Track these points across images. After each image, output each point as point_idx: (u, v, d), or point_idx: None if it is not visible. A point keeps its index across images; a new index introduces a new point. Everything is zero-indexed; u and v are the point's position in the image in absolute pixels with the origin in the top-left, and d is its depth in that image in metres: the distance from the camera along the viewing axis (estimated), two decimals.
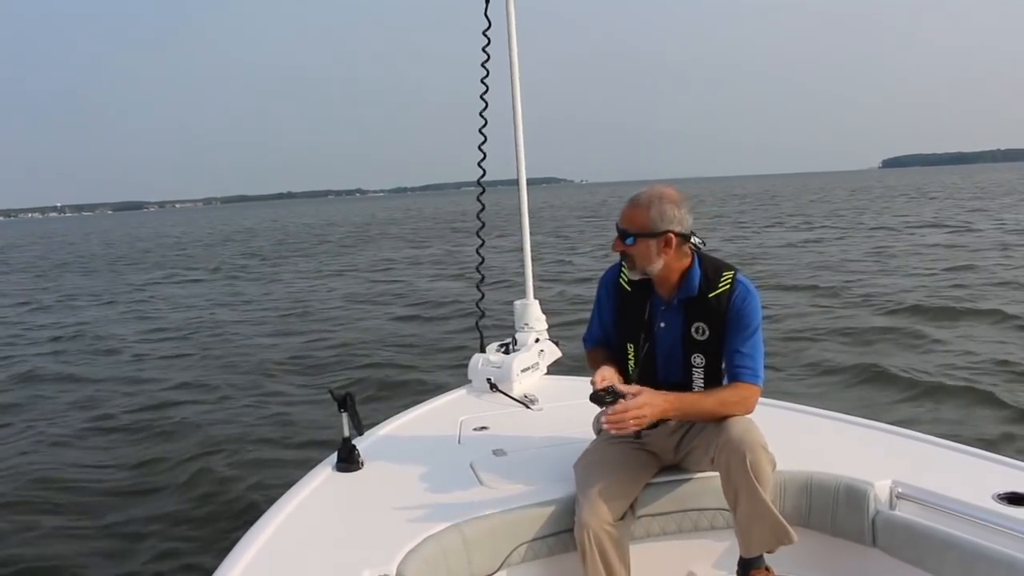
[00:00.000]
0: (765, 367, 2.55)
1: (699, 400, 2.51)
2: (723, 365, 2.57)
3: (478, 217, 4.20)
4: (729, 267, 2.58)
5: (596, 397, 2.48)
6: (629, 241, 2.52)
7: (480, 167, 4.09)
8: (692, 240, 2.55)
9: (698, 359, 2.56)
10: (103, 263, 30.20)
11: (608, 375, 2.55)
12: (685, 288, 2.57)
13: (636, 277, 2.58)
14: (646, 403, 2.40)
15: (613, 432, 2.44)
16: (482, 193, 4.19)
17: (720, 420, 2.49)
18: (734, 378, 2.52)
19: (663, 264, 2.53)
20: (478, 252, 4.29)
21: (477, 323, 4.14)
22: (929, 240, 20.31)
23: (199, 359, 10.26)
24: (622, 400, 2.41)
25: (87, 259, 33.24)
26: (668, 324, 2.60)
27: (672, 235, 2.49)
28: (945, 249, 17.96)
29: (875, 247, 19.15)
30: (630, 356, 2.64)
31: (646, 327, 2.62)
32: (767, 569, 2.46)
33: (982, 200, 38.75)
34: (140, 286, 20.16)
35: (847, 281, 13.54)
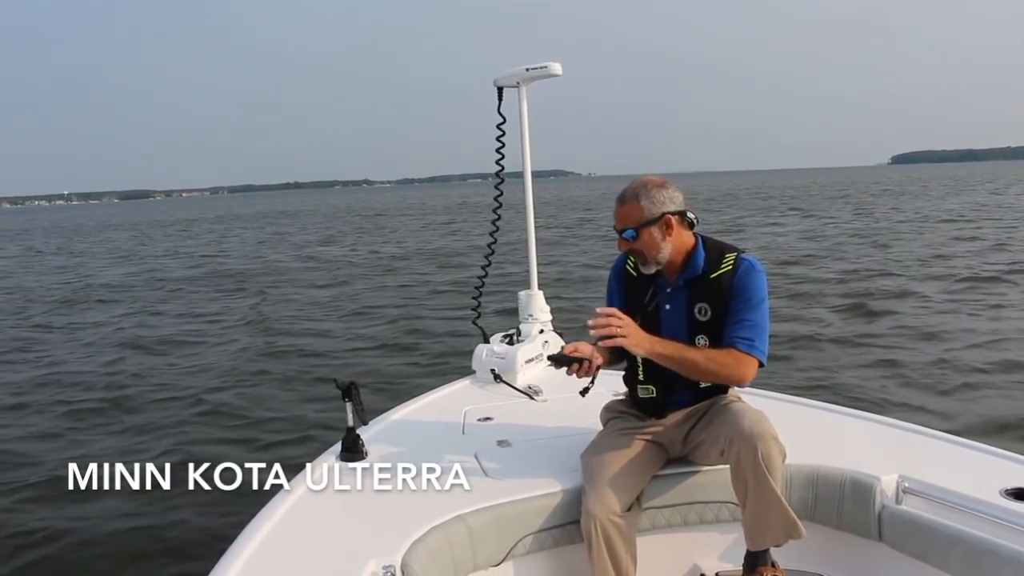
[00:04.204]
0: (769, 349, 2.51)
1: (687, 348, 2.50)
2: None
3: (493, 223, 4.18)
4: (734, 249, 2.58)
5: (557, 358, 2.50)
6: (630, 235, 2.51)
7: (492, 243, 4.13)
8: (689, 216, 2.55)
9: (702, 340, 2.54)
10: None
11: (581, 347, 2.52)
12: (689, 269, 2.56)
13: (652, 270, 2.57)
14: (633, 325, 2.42)
15: (592, 332, 2.41)
16: (494, 237, 4.17)
17: (722, 409, 2.49)
18: (729, 346, 2.49)
19: (671, 248, 2.53)
20: (491, 241, 4.25)
21: (475, 321, 4.11)
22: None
23: (204, 345, 10.30)
24: (584, 363, 2.47)
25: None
26: (673, 306, 2.59)
27: (670, 216, 2.50)
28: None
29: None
30: None
31: (651, 309, 2.61)
32: (773, 564, 2.45)
33: None
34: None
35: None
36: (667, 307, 2.60)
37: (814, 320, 9.99)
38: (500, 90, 3.88)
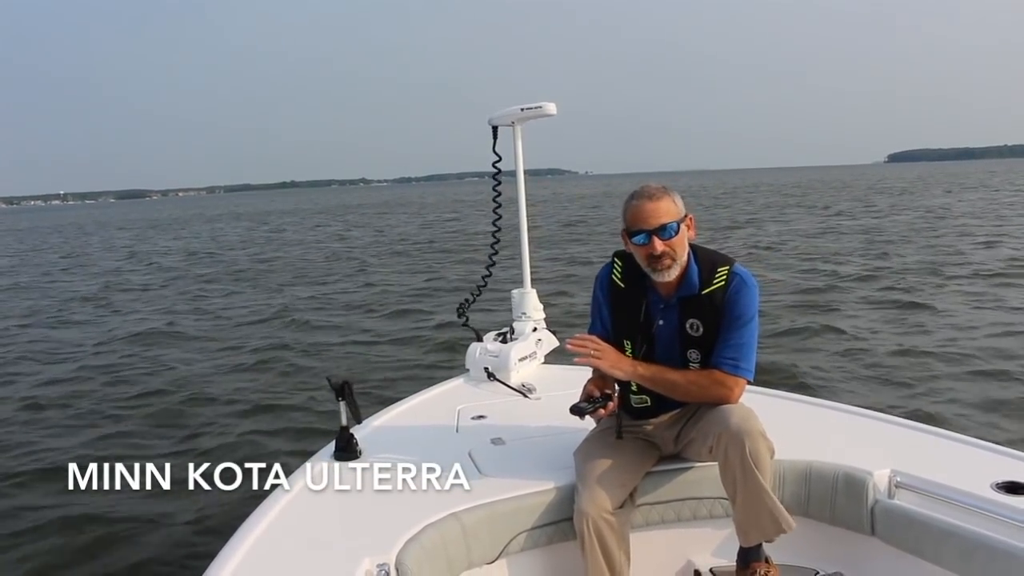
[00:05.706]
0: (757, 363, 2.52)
1: (668, 370, 2.52)
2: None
3: (493, 235, 4.18)
4: (726, 261, 2.56)
5: (576, 409, 2.51)
6: (671, 234, 2.46)
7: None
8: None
9: (694, 354, 2.54)
10: None
11: (594, 386, 2.57)
12: (685, 286, 2.54)
13: (672, 276, 2.51)
14: (612, 351, 2.50)
15: (570, 349, 2.49)
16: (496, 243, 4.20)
17: (712, 407, 2.48)
18: (713, 366, 2.50)
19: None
20: (494, 236, 4.23)
21: (466, 323, 4.11)
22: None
23: (199, 343, 10.29)
24: (602, 409, 2.49)
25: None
26: (666, 321, 2.58)
27: (691, 217, 2.54)
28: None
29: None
30: (627, 352, 2.60)
31: (644, 325, 2.59)
32: (767, 559, 2.46)
33: None
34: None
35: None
36: (660, 322, 2.58)
37: (811, 316, 10.00)
38: (495, 129, 3.88)
